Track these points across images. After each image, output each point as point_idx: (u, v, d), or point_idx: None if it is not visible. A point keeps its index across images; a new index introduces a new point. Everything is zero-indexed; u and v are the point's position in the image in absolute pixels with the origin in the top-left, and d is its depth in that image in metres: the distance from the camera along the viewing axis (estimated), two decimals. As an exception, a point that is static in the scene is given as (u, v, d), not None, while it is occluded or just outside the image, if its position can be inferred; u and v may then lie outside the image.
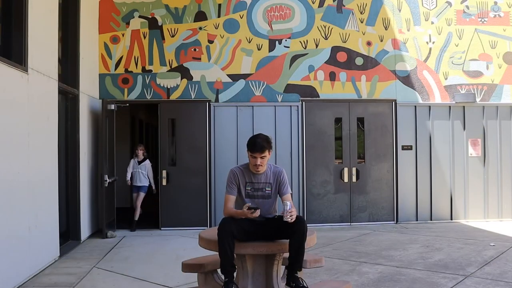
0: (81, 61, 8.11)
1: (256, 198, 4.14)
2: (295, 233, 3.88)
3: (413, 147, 9.76)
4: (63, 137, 7.59)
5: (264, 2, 9.59)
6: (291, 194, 4.34)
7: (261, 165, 4.12)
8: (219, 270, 4.26)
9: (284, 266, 4.33)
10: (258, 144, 4.08)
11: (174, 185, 9.29)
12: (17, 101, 5.63)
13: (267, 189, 4.19)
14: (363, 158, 9.79)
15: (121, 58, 9.34)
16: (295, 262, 3.96)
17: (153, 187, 9.55)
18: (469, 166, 9.84)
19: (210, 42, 9.47)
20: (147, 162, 9.52)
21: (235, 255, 3.98)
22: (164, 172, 9.30)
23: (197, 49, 9.46)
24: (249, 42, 9.52)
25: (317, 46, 9.62)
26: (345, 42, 9.68)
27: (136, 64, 9.36)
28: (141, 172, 9.40)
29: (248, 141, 4.18)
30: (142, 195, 9.47)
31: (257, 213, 3.90)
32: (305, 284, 3.96)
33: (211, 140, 9.37)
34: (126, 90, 9.35)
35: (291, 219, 3.87)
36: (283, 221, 3.90)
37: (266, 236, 4.06)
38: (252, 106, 9.48)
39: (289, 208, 3.90)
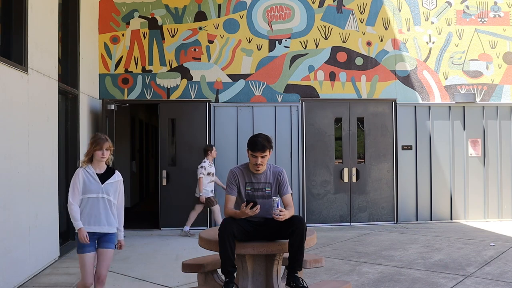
0: (81, 61, 8.11)
1: (256, 198, 4.14)
2: (294, 233, 3.89)
3: (413, 147, 9.76)
4: (63, 137, 7.59)
5: (264, 2, 9.60)
6: (292, 194, 4.33)
7: (262, 165, 4.12)
8: (219, 270, 4.27)
9: (284, 266, 4.33)
10: (259, 143, 4.08)
11: (174, 185, 9.29)
12: (17, 101, 5.63)
13: (267, 189, 4.19)
14: (363, 158, 9.80)
15: (121, 58, 9.34)
16: (295, 262, 3.96)
17: (121, 238, 4.37)
18: (469, 166, 9.84)
19: (210, 42, 9.48)
20: (118, 176, 4.36)
21: (235, 255, 3.98)
22: (164, 172, 9.30)
23: (197, 49, 9.46)
24: (249, 42, 9.52)
25: (317, 46, 9.62)
26: (345, 42, 9.68)
27: (136, 64, 9.36)
28: (105, 201, 4.20)
29: (248, 141, 4.17)
30: (108, 255, 4.25)
31: (258, 208, 3.89)
32: (305, 284, 3.96)
33: (211, 140, 9.37)
34: (126, 90, 9.35)
35: (281, 218, 3.87)
36: (282, 221, 3.90)
37: (266, 236, 4.06)
38: (252, 106, 9.48)
39: (277, 205, 3.90)
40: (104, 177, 4.27)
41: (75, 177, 4.23)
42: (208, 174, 8.45)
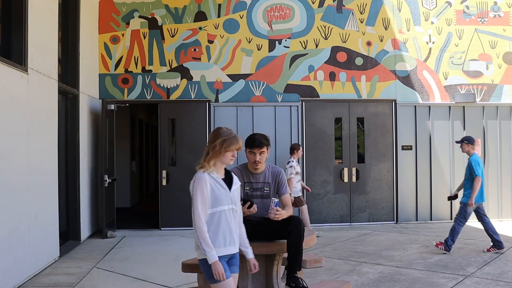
0: (81, 61, 8.11)
1: (255, 198, 4.14)
2: (291, 233, 3.88)
3: (413, 147, 9.76)
4: (63, 137, 7.60)
5: (264, 2, 9.59)
6: (290, 194, 4.32)
7: (260, 162, 4.10)
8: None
9: (284, 266, 4.33)
10: (257, 139, 4.08)
11: (174, 185, 9.29)
12: (17, 101, 5.63)
13: (265, 189, 4.18)
14: (363, 158, 9.79)
15: (121, 58, 9.34)
16: (294, 263, 3.96)
17: (252, 256, 3.57)
18: (469, 166, 9.83)
19: (210, 42, 9.48)
20: (237, 180, 3.56)
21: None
22: (164, 172, 9.30)
23: (197, 49, 9.46)
24: (249, 42, 9.51)
25: (317, 46, 9.62)
26: (345, 42, 9.68)
27: (136, 64, 9.36)
28: (234, 212, 3.42)
29: (246, 139, 4.17)
30: (236, 280, 3.53)
31: (255, 208, 3.89)
32: (305, 284, 3.96)
33: (211, 140, 9.35)
34: (126, 90, 9.35)
35: (277, 218, 3.86)
36: (280, 221, 3.90)
37: (264, 236, 4.06)
38: (252, 106, 9.48)
39: (275, 205, 3.90)
40: (226, 183, 3.39)
41: (202, 184, 3.24)
42: (296, 173, 8.15)
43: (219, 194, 3.27)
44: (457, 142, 7.58)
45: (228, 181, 3.40)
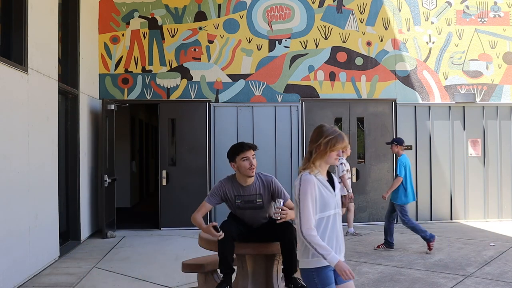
0: (81, 61, 8.12)
1: (248, 209, 4.07)
2: (284, 235, 3.84)
3: (413, 147, 9.76)
4: (63, 137, 7.60)
5: (264, 2, 9.59)
6: (288, 197, 4.23)
7: (255, 166, 4.02)
8: (219, 270, 4.27)
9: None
10: (245, 143, 4.07)
11: (174, 185, 9.29)
12: (17, 101, 5.64)
13: (258, 200, 4.06)
14: (363, 158, 9.79)
15: (121, 58, 9.34)
16: (289, 263, 3.93)
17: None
18: (469, 166, 9.84)
19: (210, 42, 9.48)
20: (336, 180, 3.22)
21: (234, 255, 3.98)
22: (164, 172, 9.30)
23: (197, 49, 9.46)
24: (249, 42, 9.51)
25: (317, 46, 9.62)
26: (345, 42, 9.68)
27: (136, 64, 9.36)
28: (339, 217, 3.12)
29: (232, 149, 4.07)
30: None
31: (222, 235, 3.84)
32: (303, 283, 3.95)
33: (211, 140, 9.37)
34: (126, 90, 9.35)
35: (280, 218, 3.75)
36: (273, 225, 3.87)
37: (262, 239, 4.04)
38: (252, 106, 9.48)
39: (280, 205, 3.82)
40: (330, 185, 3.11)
41: (311, 187, 2.94)
42: (347, 170, 8.30)
43: (327, 197, 2.99)
44: (387, 143, 7.97)
45: (331, 182, 3.11)
